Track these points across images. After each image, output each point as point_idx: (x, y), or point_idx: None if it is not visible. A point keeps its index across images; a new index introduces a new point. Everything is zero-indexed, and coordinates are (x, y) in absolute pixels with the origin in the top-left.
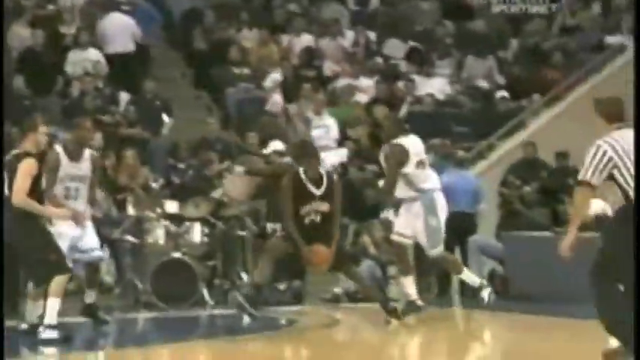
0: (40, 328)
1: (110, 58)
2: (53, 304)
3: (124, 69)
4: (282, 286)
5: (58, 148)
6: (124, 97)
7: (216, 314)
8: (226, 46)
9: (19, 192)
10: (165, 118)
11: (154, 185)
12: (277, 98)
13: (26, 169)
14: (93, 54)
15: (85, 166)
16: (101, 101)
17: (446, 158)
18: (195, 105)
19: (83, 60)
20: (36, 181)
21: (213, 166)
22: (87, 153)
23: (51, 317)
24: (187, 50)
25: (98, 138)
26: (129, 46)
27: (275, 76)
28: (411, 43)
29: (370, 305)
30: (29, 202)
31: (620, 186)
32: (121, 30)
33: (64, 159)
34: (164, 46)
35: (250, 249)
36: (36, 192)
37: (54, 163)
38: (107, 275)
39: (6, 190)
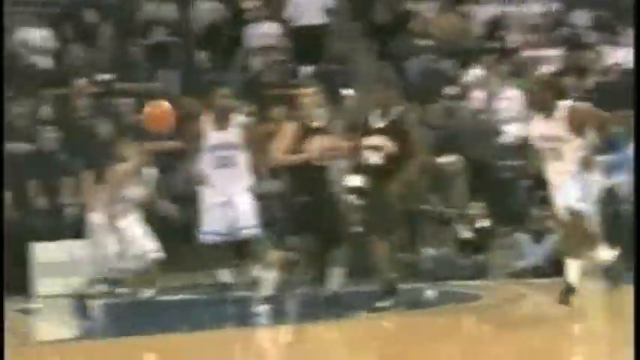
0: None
1: (295, 31)
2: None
3: (307, 42)
4: (466, 261)
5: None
6: (304, 70)
7: (401, 288)
8: (407, 17)
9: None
10: (346, 90)
11: None
12: (478, 94)
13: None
14: (273, 27)
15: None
16: (281, 75)
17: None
18: (376, 77)
19: (263, 34)
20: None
21: None
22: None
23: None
24: (368, 22)
25: (278, 111)
26: (318, 19)
27: (475, 72)
28: (597, 12)
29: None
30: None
31: None
32: (314, 2)
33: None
34: (345, 18)
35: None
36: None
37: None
38: None
39: None
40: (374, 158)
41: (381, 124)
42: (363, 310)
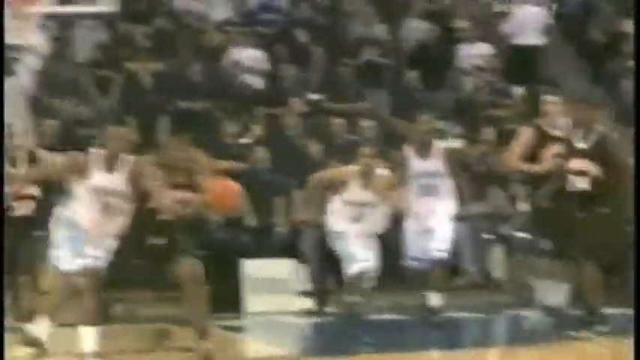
0: None
1: (508, 50)
2: None
3: (520, 62)
4: None
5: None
6: (516, 90)
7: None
8: (621, 38)
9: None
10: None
11: None
12: None
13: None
14: (485, 48)
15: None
16: (493, 95)
17: None
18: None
19: (475, 54)
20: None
21: None
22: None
23: None
24: (581, 42)
25: (489, 132)
26: (535, 39)
27: None
28: None
29: None
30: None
31: None
32: (533, 22)
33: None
34: (558, 38)
35: None
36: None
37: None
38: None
39: None
40: (581, 184)
41: (584, 145)
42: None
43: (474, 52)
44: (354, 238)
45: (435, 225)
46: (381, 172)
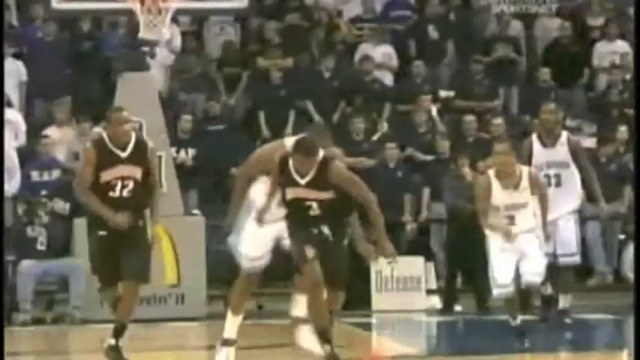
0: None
1: None
2: None
3: None
4: None
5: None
6: None
7: None
8: None
9: None
10: None
11: None
12: None
13: None
14: (621, 46)
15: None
16: (628, 94)
17: None
18: None
19: (610, 52)
20: None
21: None
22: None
23: None
24: None
25: (623, 131)
26: None
27: None
28: None
29: None
30: None
31: None
32: None
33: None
34: None
35: None
36: None
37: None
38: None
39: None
40: None
41: None
42: None
43: (610, 50)
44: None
45: (560, 221)
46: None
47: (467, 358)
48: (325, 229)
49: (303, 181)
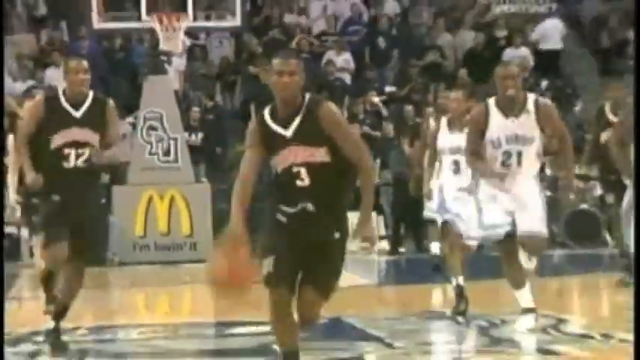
0: None
1: (540, 54)
2: None
3: (549, 62)
4: None
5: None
6: (543, 84)
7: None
8: (626, 44)
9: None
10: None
11: None
12: None
13: None
14: (524, 51)
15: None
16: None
17: None
18: (600, 91)
19: (516, 56)
20: None
21: None
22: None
23: None
24: (594, 48)
25: None
26: (558, 45)
27: None
28: None
29: None
30: None
31: None
32: (553, 31)
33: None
34: (574, 44)
35: None
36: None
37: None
38: None
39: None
40: None
41: None
42: None
43: (516, 54)
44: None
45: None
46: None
47: (407, 286)
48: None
49: (288, 133)
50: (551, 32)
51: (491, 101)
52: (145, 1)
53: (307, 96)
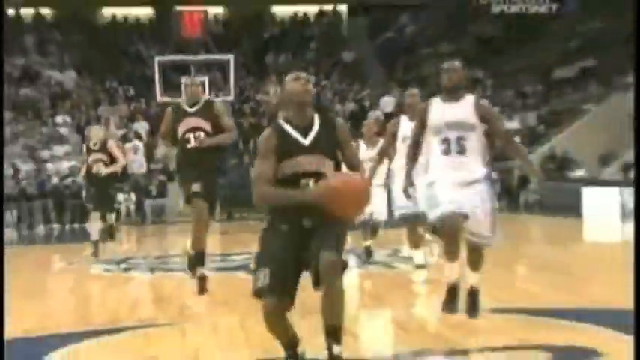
0: None
1: None
2: None
3: None
4: None
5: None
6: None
7: None
8: None
9: None
10: None
11: None
12: None
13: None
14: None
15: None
16: None
17: None
18: None
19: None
20: None
21: None
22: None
23: None
24: None
25: None
26: None
27: None
28: None
29: None
30: None
31: None
32: None
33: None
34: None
35: None
36: None
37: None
38: None
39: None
40: None
41: None
42: None
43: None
44: None
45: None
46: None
47: None
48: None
49: (306, 141)
50: None
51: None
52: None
53: (314, 110)
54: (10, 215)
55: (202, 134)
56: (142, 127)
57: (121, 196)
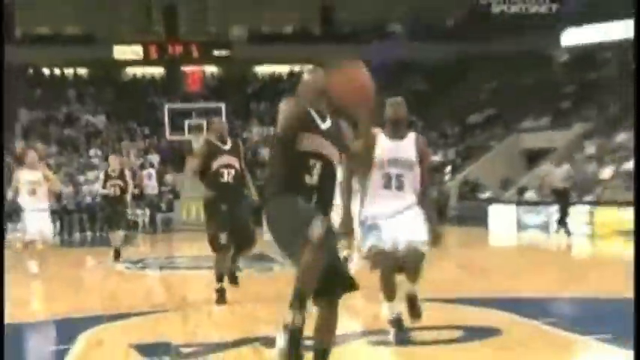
0: None
1: None
2: None
3: None
4: None
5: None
6: None
7: None
8: None
9: None
10: None
11: None
12: None
13: None
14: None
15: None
16: None
17: None
18: None
19: None
20: None
21: None
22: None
23: None
24: None
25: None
26: None
27: None
28: None
29: None
30: None
31: None
32: None
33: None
34: None
35: None
36: None
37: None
38: None
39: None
40: None
41: None
42: None
43: None
44: None
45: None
46: None
47: None
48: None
49: (324, 126)
50: None
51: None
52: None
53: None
54: (54, 225)
55: (233, 171)
56: (154, 158)
57: (138, 211)
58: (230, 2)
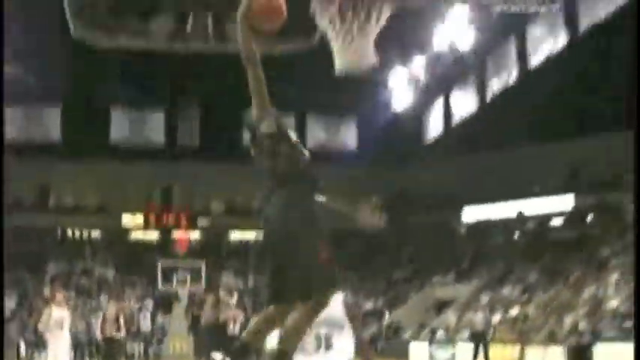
0: None
1: None
2: None
3: None
4: None
5: None
6: None
7: None
8: None
9: None
10: None
11: None
12: None
13: None
14: None
15: None
16: None
17: None
18: None
19: None
20: None
21: None
22: None
23: None
24: None
25: None
26: None
27: None
28: None
29: None
30: None
31: None
32: None
33: None
34: None
35: None
36: None
37: None
38: None
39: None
40: None
41: None
42: None
43: None
44: None
45: None
46: None
47: None
48: None
49: None
50: None
51: None
52: None
53: None
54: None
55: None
56: (149, 303)
57: (135, 345)
58: (212, 184)
